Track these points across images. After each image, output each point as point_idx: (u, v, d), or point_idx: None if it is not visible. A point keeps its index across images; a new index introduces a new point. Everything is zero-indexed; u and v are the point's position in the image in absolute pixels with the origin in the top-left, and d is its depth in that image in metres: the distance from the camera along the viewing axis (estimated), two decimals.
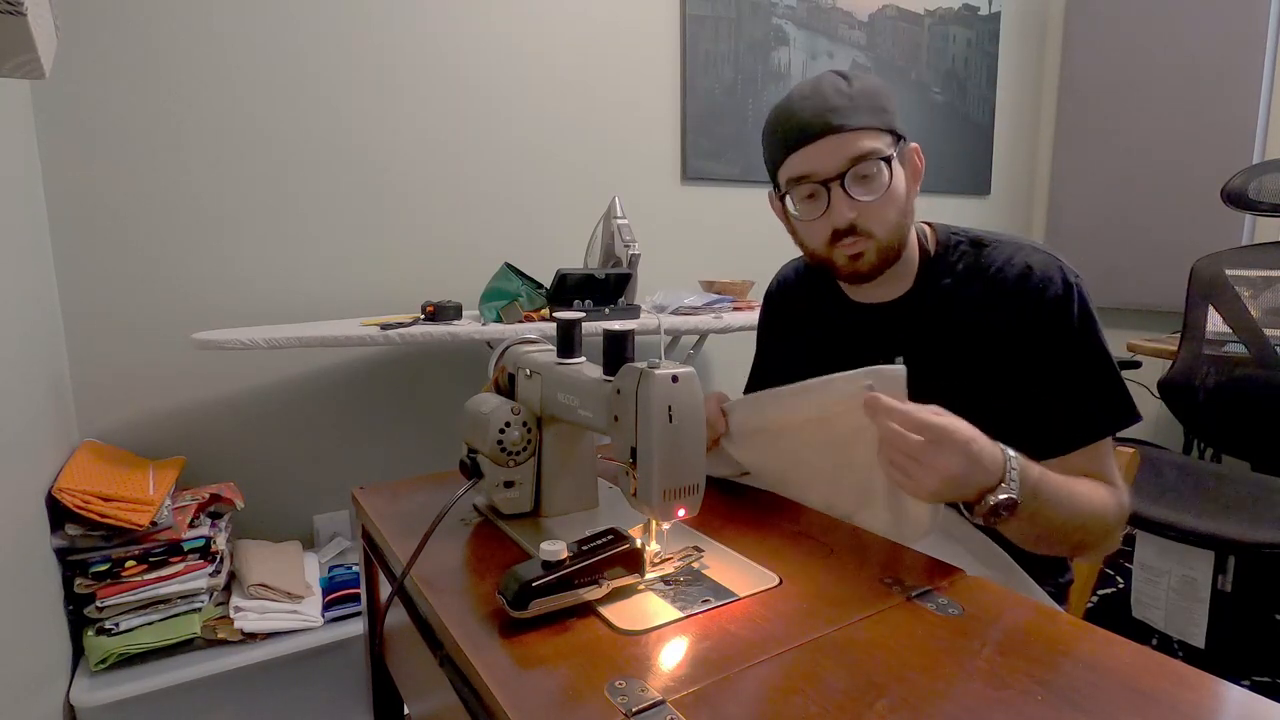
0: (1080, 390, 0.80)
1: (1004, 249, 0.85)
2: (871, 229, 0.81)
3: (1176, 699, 0.47)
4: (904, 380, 0.69)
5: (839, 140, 0.78)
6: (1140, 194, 2.60)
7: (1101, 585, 2.10)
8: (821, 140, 0.78)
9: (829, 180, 0.79)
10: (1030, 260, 0.82)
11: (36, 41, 0.54)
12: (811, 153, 0.79)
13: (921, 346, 0.86)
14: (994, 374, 0.82)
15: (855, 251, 0.82)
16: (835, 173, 0.79)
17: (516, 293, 1.56)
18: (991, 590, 0.63)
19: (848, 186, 0.79)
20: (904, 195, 0.83)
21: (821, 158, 0.79)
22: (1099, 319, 0.82)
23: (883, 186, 0.79)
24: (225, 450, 1.58)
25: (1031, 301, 0.80)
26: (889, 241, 0.82)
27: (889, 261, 0.84)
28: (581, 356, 0.74)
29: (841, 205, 0.79)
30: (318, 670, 1.35)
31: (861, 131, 0.78)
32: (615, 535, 0.61)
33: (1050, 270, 0.81)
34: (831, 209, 0.80)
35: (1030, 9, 2.88)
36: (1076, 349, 0.80)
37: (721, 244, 2.24)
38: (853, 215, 0.80)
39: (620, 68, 2.01)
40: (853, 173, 0.78)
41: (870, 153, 0.78)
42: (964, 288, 0.85)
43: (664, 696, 0.47)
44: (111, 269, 1.46)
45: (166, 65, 1.47)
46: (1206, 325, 1.85)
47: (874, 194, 0.79)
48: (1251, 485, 1.63)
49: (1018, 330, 0.81)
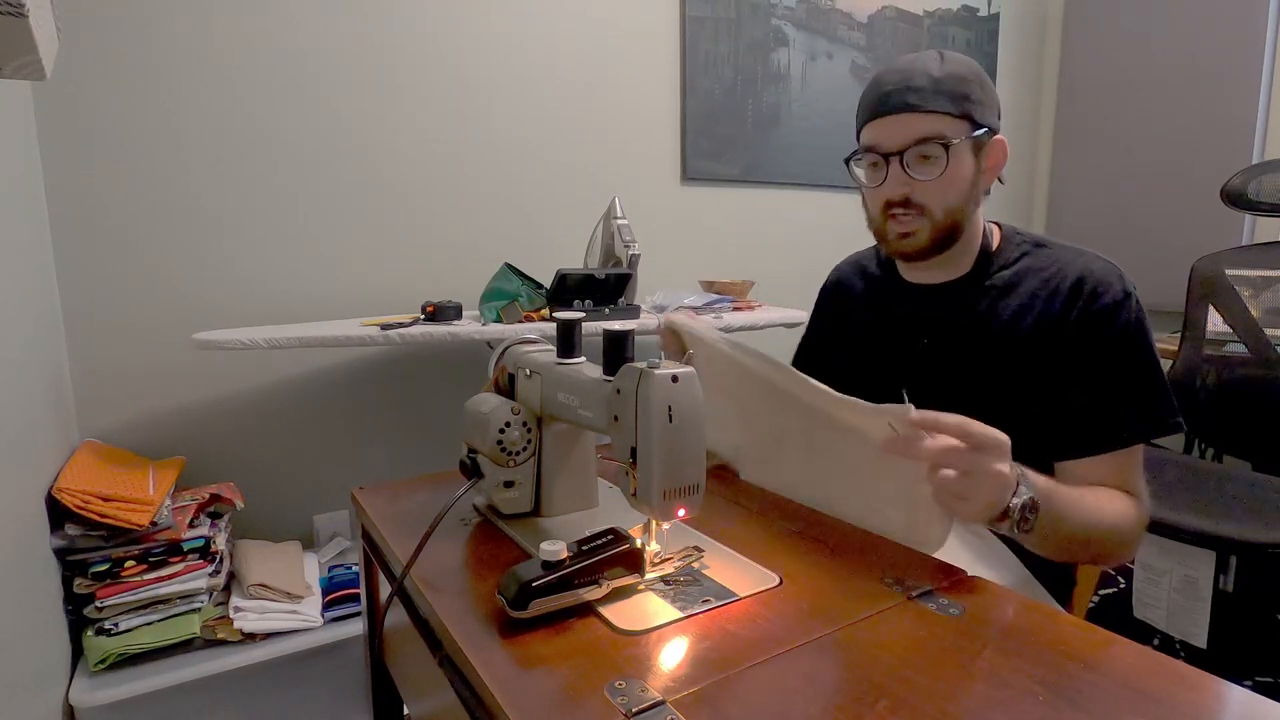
0: (1121, 394, 0.80)
1: (1065, 252, 0.87)
2: (926, 204, 0.83)
3: (1178, 699, 0.47)
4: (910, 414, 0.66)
5: (909, 119, 0.81)
6: (1140, 194, 2.60)
7: (1103, 585, 2.10)
8: (894, 116, 0.82)
9: (890, 154, 0.82)
10: (1090, 265, 0.83)
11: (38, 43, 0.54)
12: (883, 126, 0.83)
13: (965, 331, 0.87)
14: (1035, 368, 0.83)
15: (907, 229, 0.85)
16: (898, 148, 0.82)
17: (516, 293, 1.56)
18: (992, 590, 0.63)
19: (906, 163, 0.82)
20: (967, 182, 0.83)
21: (889, 132, 0.82)
22: (1152, 331, 0.82)
23: (941, 168, 0.81)
24: (225, 450, 1.58)
25: (1085, 302, 0.81)
26: (944, 221, 0.84)
27: (941, 243, 0.86)
28: (581, 356, 0.74)
29: (896, 179, 0.83)
30: (317, 670, 1.35)
31: (934, 115, 0.80)
32: (615, 535, 0.61)
33: (1109, 276, 0.82)
34: (888, 181, 0.84)
35: (1029, 9, 2.88)
36: (1124, 353, 0.80)
37: (721, 244, 2.24)
38: (906, 191, 0.83)
39: (620, 68, 2.01)
40: (914, 151, 0.81)
41: (935, 135, 0.80)
42: (1019, 281, 0.87)
43: (664, 697, 0.47)
44: (111, 269, 1.46)
45: (166, 66, 1.47)
46: (1206, 325, 1.85)
47: (931, 175, 0.81)
48: (1252, 485, 1.63)
49: (1067, 328, 0.82)
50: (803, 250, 2.34)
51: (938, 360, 0.89)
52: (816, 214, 2.40)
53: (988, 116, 0.83)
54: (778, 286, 2.17)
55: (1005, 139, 0.86)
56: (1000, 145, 0.85)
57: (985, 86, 0.83)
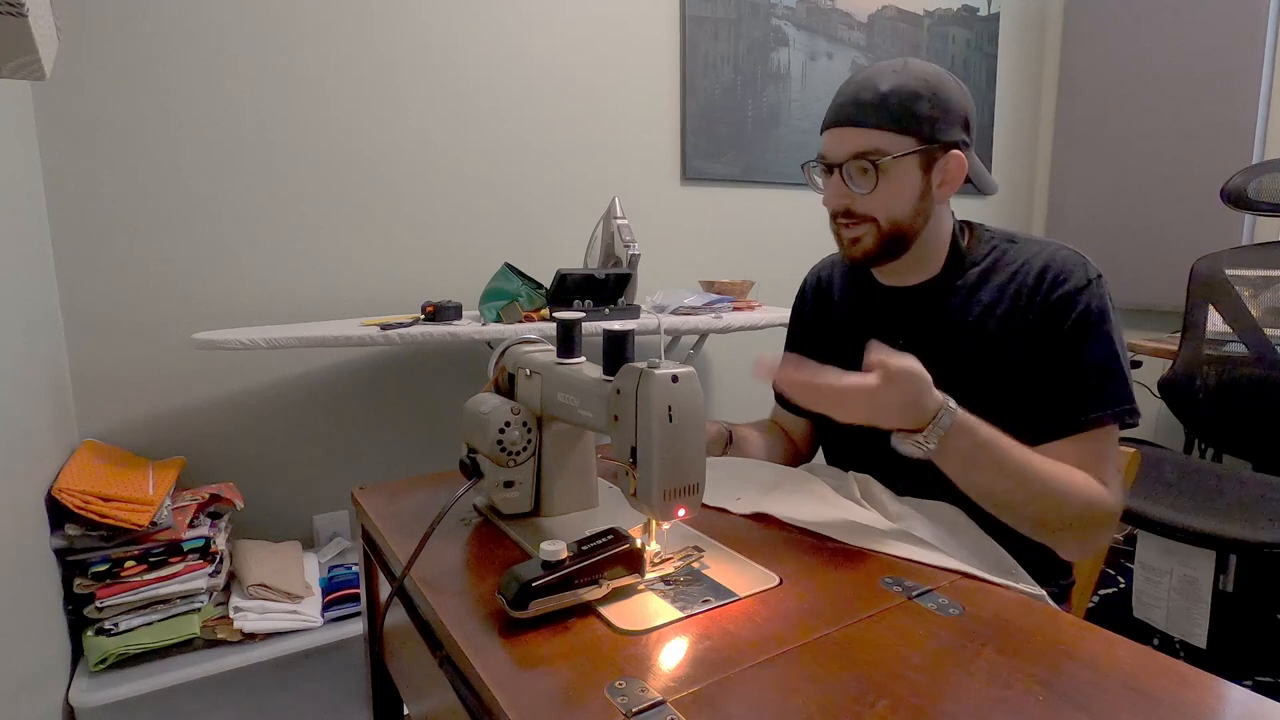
0: (1080, 378, 0.81)
1: (1032, 245, 0.88)
2: (870, 214, 0.85)
3: (1178, 699, 0.47)
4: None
5: (850, 133, 0.83)
6: (1140, 194, 2.60)
7: (1103, 585, 2.10)
8: (839, 129, 0.85)
9: (833, 165, 0.86)
10: (1055, 255, 0.85)
11: (37, 43, 0.54)
12: (830, 136, 0.86)
13: (940, 330, 0.89)
14: (1004, 360, 0.84)
15: (854, 235, 0.88)
16: (839, 160, 0.85)
17: (516, 293, 1.56)
18: (991, 590, 0.63)
19: (846, 175, 0.85)
20: (911, 196, 0.84)
21: (834, 144, 0.86)
22: (1116, 319, 0.83)
23: (874, 183, 0.83)
24: (225, 450, 1.58)
25: (1047, 289, 0.83)
26: (889, 230, 0.86)
27: (889, 249, 0.87)
28: (581, 356, 0.74)
29: (834, 190, 0.87)
30: (317, 670, 1.35)
31: (873, 130, 0.82)
32: (615, 535, 0.61)
33: (1072, 264, 0.84)
34: (829, 192, 0.88)
35: (1029, 9, 2.88)
36: (1083, 339, 0.81)
37: (721, 244, 2.24)
38: (846, 202, 0.86)
39: (620, 68, 2.01)
40: (852, 165, 0.84)
41: (870, 151, 0.82)
42: (988, 277, 0.88)
43: (664, 696, 0.47)
44: (111, 269, 1.46)
45: (166, 65, 1.47)
46: (1206, 325, 1.85)
47: (866, 188, 0.84)
48: (1252, 485, 1.63)
49: (1032, 317, 0.83)
50: (803, 250, 2.32)
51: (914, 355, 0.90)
52: (816, 214, 2.36)
53: (941, 132, 0.82)
54: (778, 286, 2.16)
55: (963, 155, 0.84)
56: (956, 160, 0.84)
57: (942, 101, 0.82)
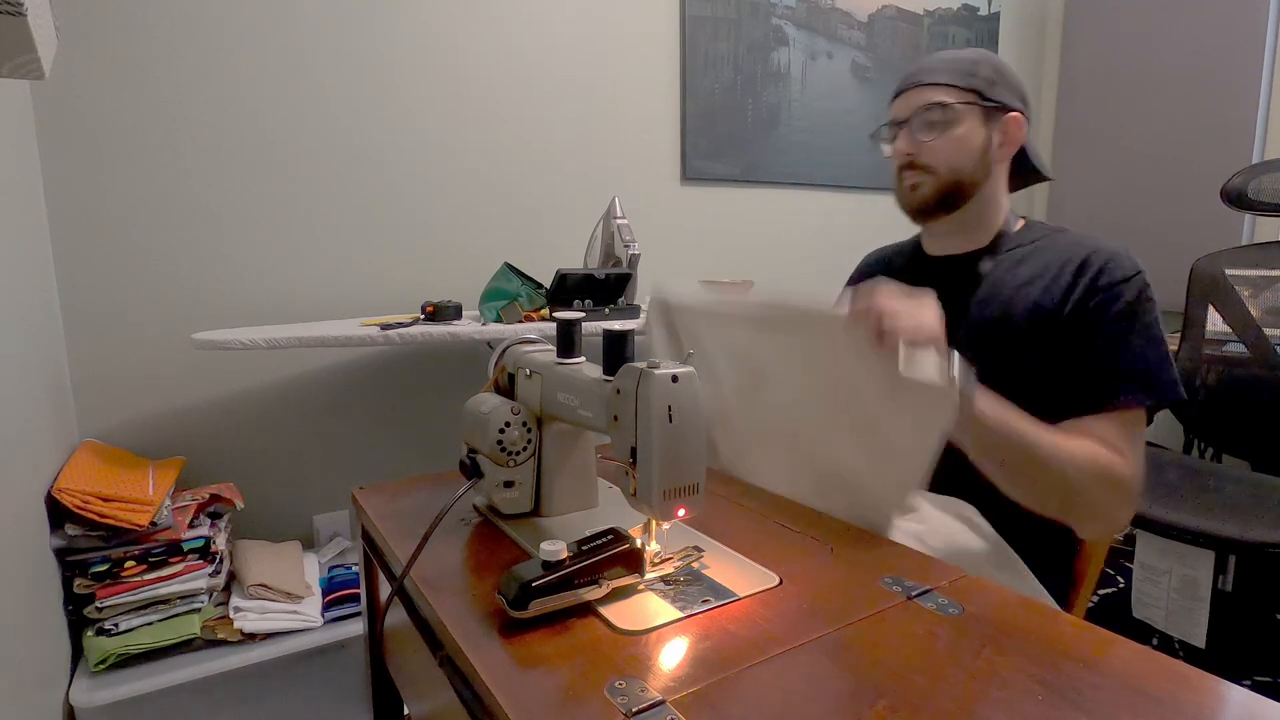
0: (1119, 357, 0.82)
1: (1080, 235, 0.92)
2: (929, 164, 0.92)
3: (1177, 699, 0.47)
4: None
5: (918, 91, 0.92)
6: (1140, 194, 2.60)
7: (1102, 585, 2.10)
8: (907, 92, 0.94)
9: (901, 122, 0.94)
10: (1102, 245, 0.88)
11: (36, 42, 0.54)
12: (898, 101, 0.95)
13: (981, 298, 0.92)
14: (1043, 333, 0.86)
15: (914, 181, 0.94)
16: (906, 116, 0.93)
17: (516, 293, 1.56)
18: (991, 590, 0.63)
19: (913, 128, 0.92)
20: (974, 147, 0.91)
21: (902, 105, 0.95)
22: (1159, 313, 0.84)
23: (941, 130, 0.90)
24: (225, 450, 1.58)
25: (1094, 274, 0.85)
26: (948, 179, 0.92)
27: (946, 200, 0.93)
28: (581, 356, 0.74)
29: (903, 141, 0.94)
30: (317, 670, 1.35)
31: (938, 86, 0.90)
32: (615, 535, 0.61)
33: (1120, 253, 0.86)
34: (898, 143, 0.95)
35: (1030, 9, 2.88)
36: (1126, 321, 0.83)
37: (721, 244, 2.24)
38: (912, 152, 0.93)
39: (620, 68, 2.01)
40: (919, 118, 0.91)
41: (936, 103, 0.90)
42: (1035, 256, 0.92)
43: (664, 696, 0.47)
44: (111, 269, 1.45)
45: (166, 65, 1.47)
46: (1206, 325, 1.85)
47: (932, 136, 0.91)
48: (1252, 485, 1.63)
49: (1074, 294, 0.85)
50: (802, 250, 2.34)
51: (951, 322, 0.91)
52: (816, 214, 2.39)
53: (999, 94, 0.90)
54: (777, 286, 2.17)
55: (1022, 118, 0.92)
56: (1015, 121, 0.92)
57: (999, 70, 0.92)
